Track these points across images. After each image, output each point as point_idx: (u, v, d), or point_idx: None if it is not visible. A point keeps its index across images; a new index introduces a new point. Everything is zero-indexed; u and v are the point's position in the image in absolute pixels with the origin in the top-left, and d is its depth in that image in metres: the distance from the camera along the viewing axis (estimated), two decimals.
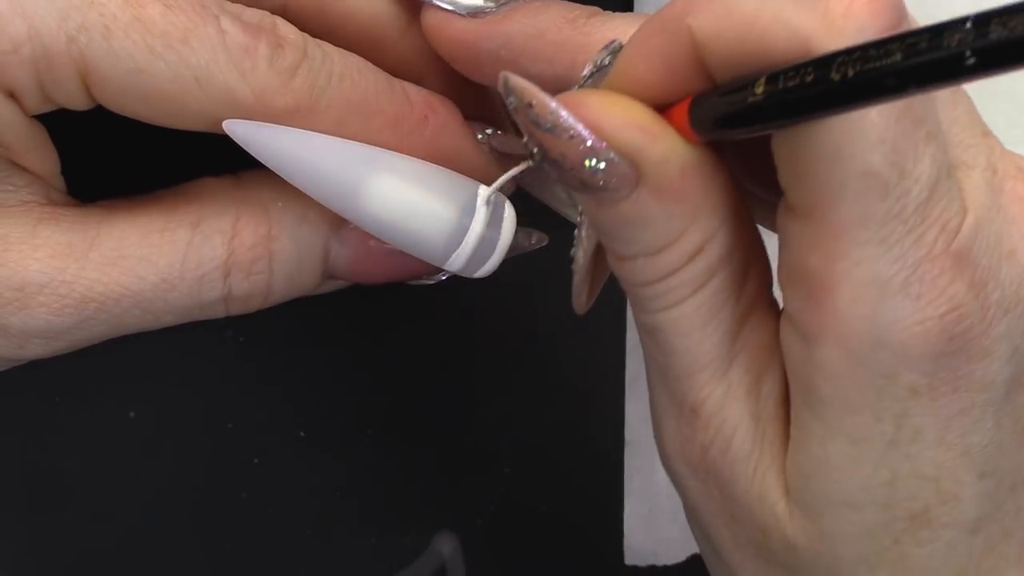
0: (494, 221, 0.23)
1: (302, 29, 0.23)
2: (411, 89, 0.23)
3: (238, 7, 0.21)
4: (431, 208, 0.23)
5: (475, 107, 0.25)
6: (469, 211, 0.23)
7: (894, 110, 0.18)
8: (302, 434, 0.33)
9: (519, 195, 0.29)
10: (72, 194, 0.24)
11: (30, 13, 0.19)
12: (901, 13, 0.18)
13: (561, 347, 0.33)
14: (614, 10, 0.23)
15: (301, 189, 0.23)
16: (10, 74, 0.20)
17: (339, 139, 0.22)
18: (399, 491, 0.34)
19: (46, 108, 0.21)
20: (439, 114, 0.23)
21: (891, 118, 0.18)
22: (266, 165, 0.23)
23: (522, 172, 0.24)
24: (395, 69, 0.24)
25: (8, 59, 0.20)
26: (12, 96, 0.20)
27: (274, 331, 0.33)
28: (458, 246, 0.23)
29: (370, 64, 0.23)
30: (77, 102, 0.21)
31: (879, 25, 0.18)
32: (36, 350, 0.23)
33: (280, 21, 0.22)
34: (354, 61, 0.23)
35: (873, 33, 0.18)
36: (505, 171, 0.24)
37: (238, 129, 0.22)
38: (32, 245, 0.22)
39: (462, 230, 0.23)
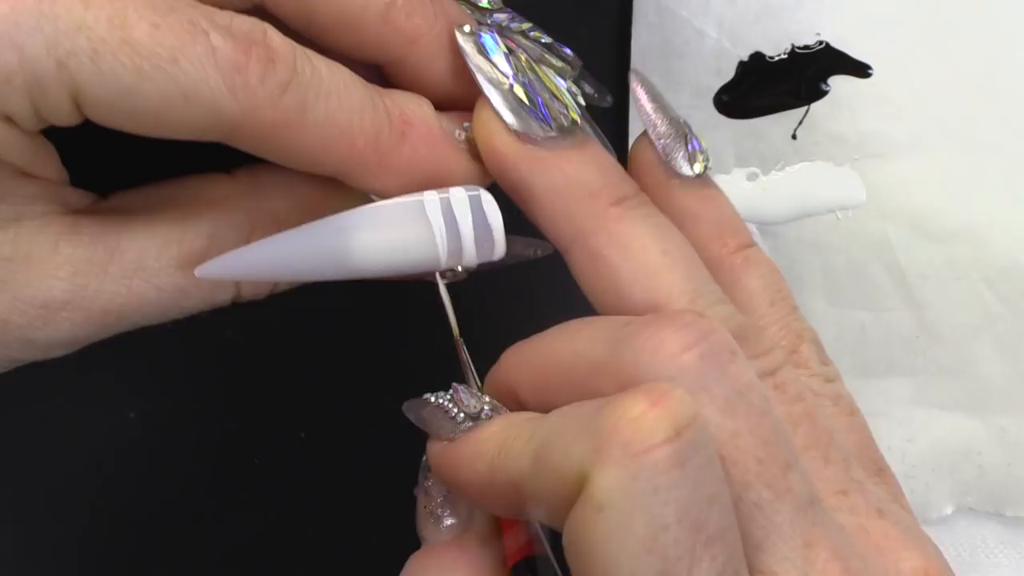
0: (476, 210, 0.24)
1: (282, 15, 0.23)
2: (389, 102, 0.24)
3: (228, 16, 0.21)
4: (404, 236, 0.24)
5: (446, 89, 0.25)
6: (428, 218, 0.24)
7: (666, 519, 0.18)
8: (302, 434, 0.33)
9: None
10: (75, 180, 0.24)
11: (19, 43, 0.20)
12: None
13: None
14: (610, 10, 0.24)
15: (298, 280, 0.24)
16: (5, 103, 0.20)
17: (299, 228, 0.23)
18: (399, 491, 0.34)
19: (41, 127, 0.21)
20: (415, 127, 0.24)
21: (659, 527, 0.18)
22: (256, 280, 0.24)
23: None
24: (375, 51, 0.24)
25: (2, 90, 0.20)
26: (9, 120, 0.21)
27: (274, 331, 0.33)
28: (447, 253, 0.24)
29: (355, 78, 0.23)
30: (69, 120, 0.21)
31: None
32: (57, 353, 0.24)
33: (271, 30, 0.22)
34: (341, 77, 0.23)
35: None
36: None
37: (213, 268, 0.23)
38: (55, 264, 0.22)
39: (438, 237, 0.24)
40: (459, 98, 0.25)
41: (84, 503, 0.33)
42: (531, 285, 0.33)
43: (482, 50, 0.24)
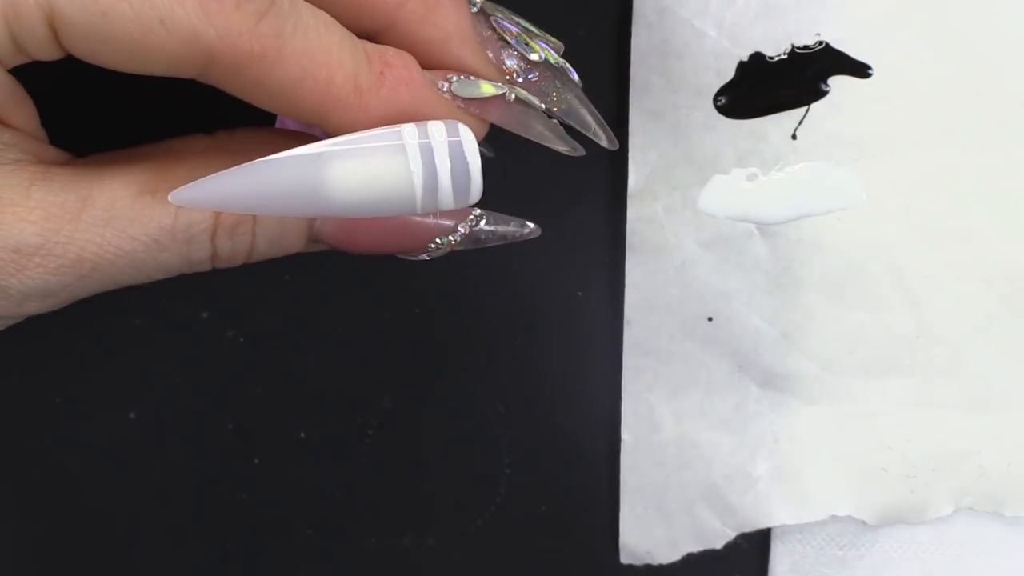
0: (454, 149, 0.23)
1: None
2: (369, 46, 0.24)
3: None
4: (379, 167, 0.23)
5: (437, 57, 0.25)
6: (406, 152, 0.23)
7: None
8: (302, 434, 0.33)
9: (515, 189, 0.29)
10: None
11: None
12: None
13: (559, 349, 0.33)
14: (610, 10, 0.24)
15: (272, 216, 0.23)
16: None
17: (275, 155, 0.22)
18: (399, 491, 0.34)
19: (19, 60, 0.21)
20: (394, 68, 0.24)
21: None
22: (229, 212, 0.23)
23: (500, 112, 0.25)
24: (359, 16, 0.24)
25: None
26: None
27: (274, 331, 0.33)
28: (423, 189, 0.23)
29: (335, 21, 0.23)
30: (47, 51, 0.21)
31: None
32: (33, 308, 0.24)
33: None
34: (320, 16, 0.23)
35: None
36: (470, 116, 0.24)
37: (183, 195, 0.22)
38: (26, 207, 0.22)
39: (414, 165, 0.23)
40: (450, 67, 0.25)
41: (84, 503, 0.33)
42: (513, 271, 0.33)
43: None
